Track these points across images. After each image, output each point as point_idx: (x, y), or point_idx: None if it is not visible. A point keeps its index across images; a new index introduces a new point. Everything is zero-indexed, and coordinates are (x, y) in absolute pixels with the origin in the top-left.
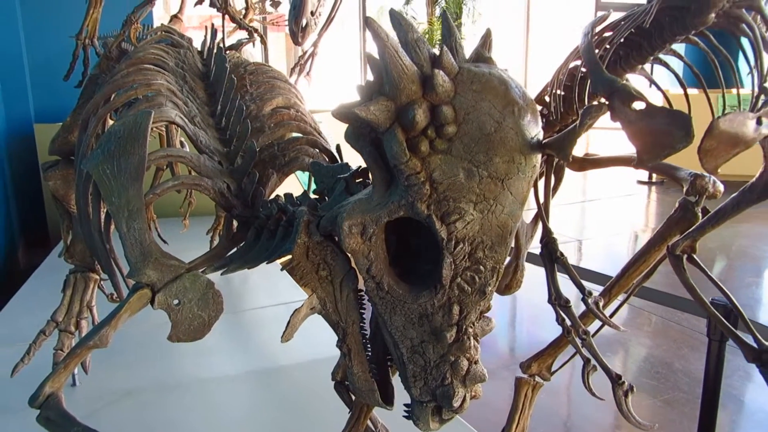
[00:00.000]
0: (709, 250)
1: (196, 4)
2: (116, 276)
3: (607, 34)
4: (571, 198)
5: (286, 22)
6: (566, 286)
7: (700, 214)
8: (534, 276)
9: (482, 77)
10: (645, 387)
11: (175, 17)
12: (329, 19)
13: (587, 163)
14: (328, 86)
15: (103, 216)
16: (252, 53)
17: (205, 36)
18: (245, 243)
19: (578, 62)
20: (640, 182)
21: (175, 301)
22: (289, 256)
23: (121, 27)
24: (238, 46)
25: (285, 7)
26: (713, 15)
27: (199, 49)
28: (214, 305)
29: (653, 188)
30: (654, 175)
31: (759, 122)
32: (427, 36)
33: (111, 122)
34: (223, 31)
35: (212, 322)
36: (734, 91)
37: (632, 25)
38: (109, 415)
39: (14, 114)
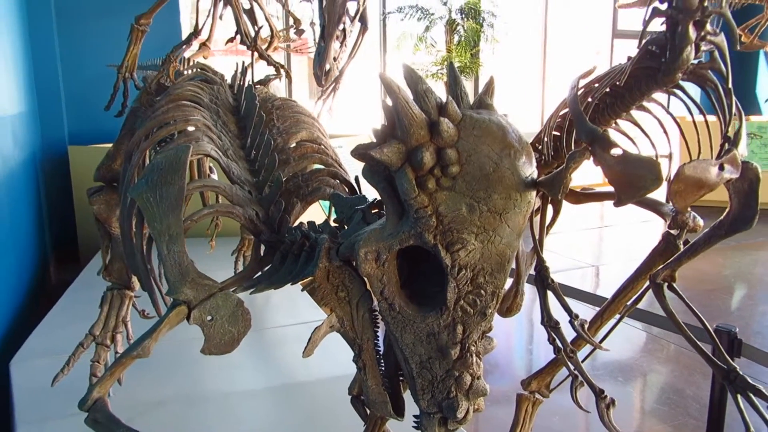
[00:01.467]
0: (725, 278)
1: (227, 42)
2: (155, 293)
3: (596, 85)
4: (589, 224)
5: (310, 48)
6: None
7: (681, 246)
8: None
9: (482, 123)
10: (656, 412)
11: (203, 45)
12: (350, 57)
13: (582, 196)
14: (350, 110)
15: (144, 239)
16: (279, 87)
17: (236, 72)
18: (272, 266)
19: (567, 109)
20: None
21: (209, 318)
22: (311, 279)
23: (161, 65)
24: (266, 82)
25: (308, 34)
26: (680, 74)
27: (230, 82)
28: (243, 322)
29: None
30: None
31: (722, 168)
32: (446, 62)
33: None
34: (252, 66)
35: (241, 337)
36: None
37: (613, 80)
38: (140, 424)
39: (50, 136)
